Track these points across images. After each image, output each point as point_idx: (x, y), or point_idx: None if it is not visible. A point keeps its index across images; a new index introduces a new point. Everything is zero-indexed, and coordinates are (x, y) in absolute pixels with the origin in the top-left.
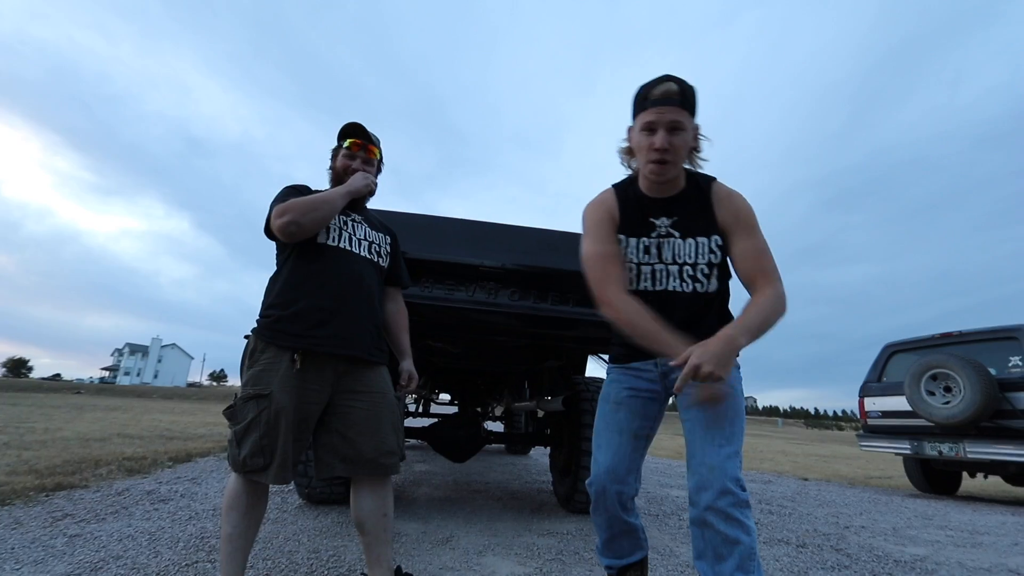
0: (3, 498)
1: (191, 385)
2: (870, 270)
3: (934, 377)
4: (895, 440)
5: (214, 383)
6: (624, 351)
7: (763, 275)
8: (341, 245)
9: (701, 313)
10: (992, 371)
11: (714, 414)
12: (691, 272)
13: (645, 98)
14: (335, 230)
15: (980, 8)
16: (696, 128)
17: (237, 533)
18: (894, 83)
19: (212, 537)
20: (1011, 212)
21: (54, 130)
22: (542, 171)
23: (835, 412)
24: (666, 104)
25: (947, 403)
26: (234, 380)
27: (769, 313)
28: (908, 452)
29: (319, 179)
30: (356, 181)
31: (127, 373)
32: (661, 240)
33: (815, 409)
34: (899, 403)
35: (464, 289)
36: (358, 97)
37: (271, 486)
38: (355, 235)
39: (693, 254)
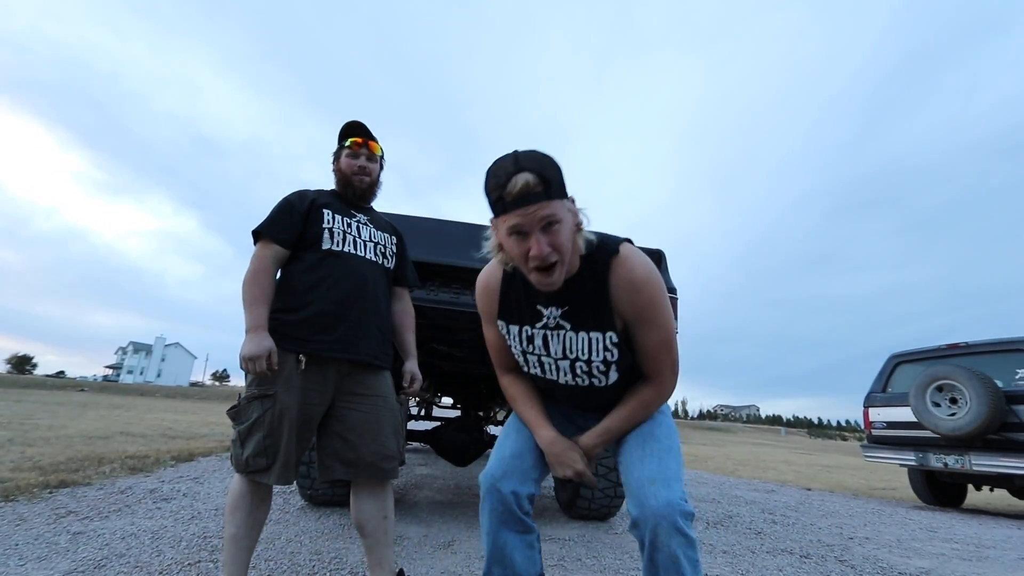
0: (7, 494)
1: (194, 384)
2: (879, 280)
3: (940, 388)
4: (900, 451)
5: (216, 383)
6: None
7: (655, 372)
8: (346, 249)
9: (605, 398)
10: (999, 383)
11: (644, 433)
12: (585, 368)
13: (501, 199)
14: (339, 234)
15: (996, 16)
16: (571, 207)
17: (241, 534)
18: (908, 92)
19: (214, 537)
20: (1022, 223)
21: (65, 127)
22: None
23: (839, 422)
24: (531, 203)
25: (953, 415)
26: (236, 381)
27: (632, 419)
28: (913, 463)
29: (326, 180)
30: (247, 348)
31: (130, 371)
32: (549, 332)
33: (818, 419)
34: (904, 414)
35: (470, 293)
36: (367, 98)
37: (274, 488)
38: (360, 237)
39: (587, 350)
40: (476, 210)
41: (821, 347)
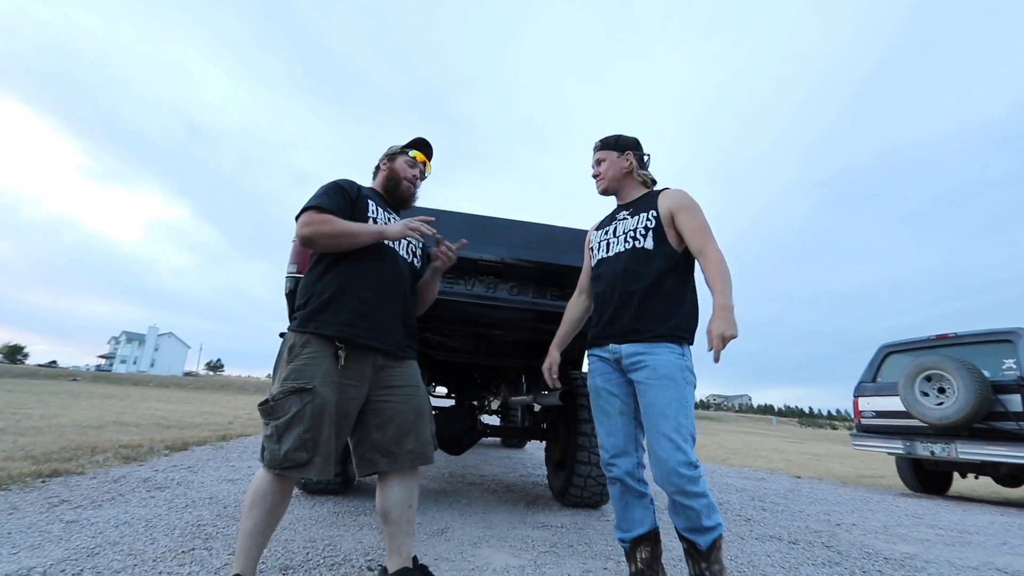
0: (0, 483)
1: (188, 374)
2: (872, 271)
3: (928, 378)
4: (888, 440)
5: (211, 372)
6: (593, 333)
7: (704, 245)
8: (384, 242)
9: (641, 265)
10: (986, 373)
11: (658, 409)
12: (632, 235)
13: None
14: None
15: (995, 7)
16: (621, 156)
17: (257, 530)
18: (905, 83)
19: (208, 525)
20: (1017, 215)
21: (54, 115)
22: (546, 165)
23: (829, 411)
24: (594, 151)
25: (940, 404)
26: (230, 370)
27: (725, 274)
28: (901, 452)
29: (320, 169)
30: (395, 229)
31: (123, 361)
32: (618, 222)
33: (809, 408)
34: (893, 403)
35: (463, 282)
36: (364, 86)
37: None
38: None
39: (635, 224)
40: (474, 201)
41: (813, 338)
